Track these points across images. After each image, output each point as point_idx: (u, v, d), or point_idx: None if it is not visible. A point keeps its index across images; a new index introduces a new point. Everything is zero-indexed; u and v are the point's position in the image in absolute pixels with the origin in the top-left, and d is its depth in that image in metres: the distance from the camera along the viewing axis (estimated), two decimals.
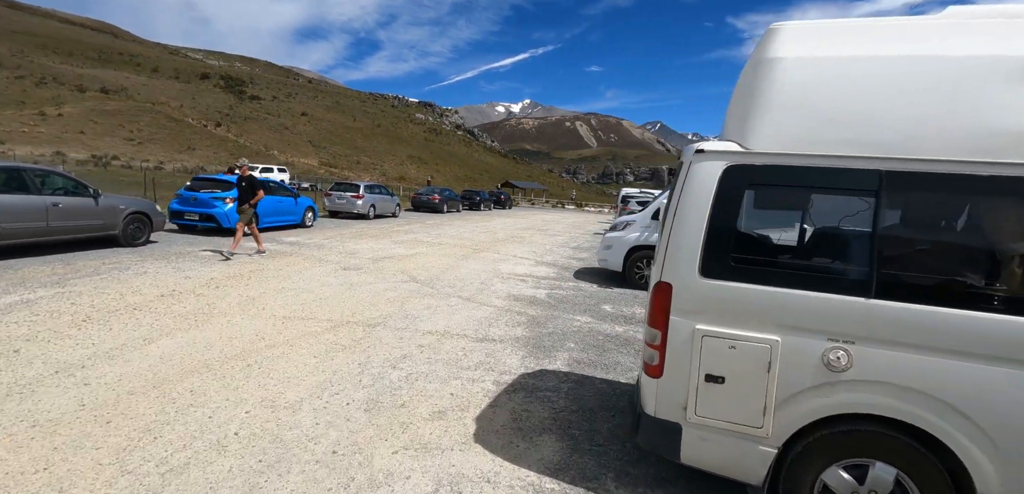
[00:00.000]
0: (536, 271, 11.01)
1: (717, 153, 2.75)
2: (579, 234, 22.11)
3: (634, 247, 9.86)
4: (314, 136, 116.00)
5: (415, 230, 18.28)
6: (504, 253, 13.57)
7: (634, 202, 25.85)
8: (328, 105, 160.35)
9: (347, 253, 11.62)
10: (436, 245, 14.23)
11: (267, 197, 14.03)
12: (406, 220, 22.73)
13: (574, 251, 15.29)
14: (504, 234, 19.16)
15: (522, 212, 41.31)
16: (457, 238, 16.50)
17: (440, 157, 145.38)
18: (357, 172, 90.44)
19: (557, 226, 26.29)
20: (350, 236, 14.93)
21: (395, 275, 9.34)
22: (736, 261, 2.68)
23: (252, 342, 5.16)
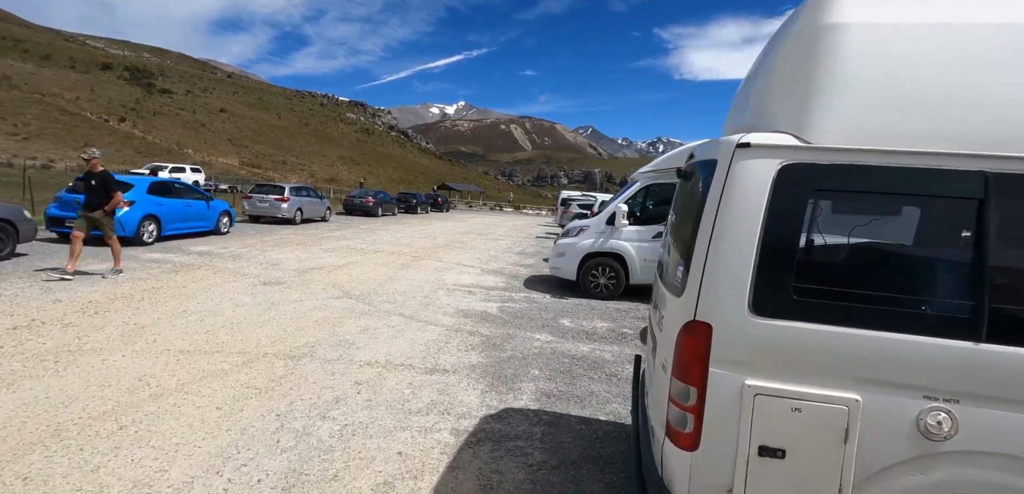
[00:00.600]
0: (484, 281, 10.17)
1: (769, 148, 2.05)
2: (521, 238, 21.48)
3: (589, 254, 9.26)
4: (235, 134, 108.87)
5: (348, 236, 16.90)
6: (447, 261, 12.63)
7: (575, 205, 25.63)
8: (250, 102, 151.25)
9: (268, 264, 10.26)
10: (372, 253, 13.05)
11: (173, 201, 12.28)
12: (338, 225, 21.17)
13: (520, 257, 14.58)
14: (444, 239, 18.16)
15: (460, 215, 40.32)
16: (395, 244, 15.35)
17: (373, 158, 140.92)
18: (283, 173, 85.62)
19: (498, 230, 25.56)
20: (273, 244, 13.42)
21: (325, 290, 8.19)
22: (800, 293, 1.99)
23: (131, 391, 3.98)
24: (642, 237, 9.12)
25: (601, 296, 9.14)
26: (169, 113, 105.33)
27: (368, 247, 14.18)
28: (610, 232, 9.17)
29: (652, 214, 9.24)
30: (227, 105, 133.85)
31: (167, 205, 11.91)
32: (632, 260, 9.08)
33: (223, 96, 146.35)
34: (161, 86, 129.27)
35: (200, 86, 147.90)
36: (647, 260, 9.09)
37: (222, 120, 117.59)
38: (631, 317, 7.79)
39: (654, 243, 9.07)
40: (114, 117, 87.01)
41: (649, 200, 9.34)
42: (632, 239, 9.12)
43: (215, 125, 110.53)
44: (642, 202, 9.31)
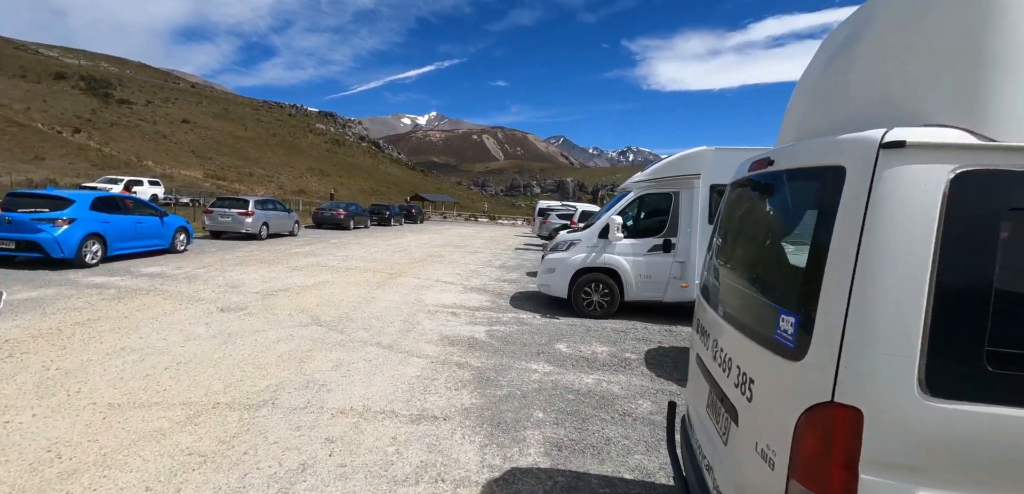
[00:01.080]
0: (467, 300, 9.42)
1: (935, 149, 1.41)
2: (501, 251, 20.78)
3: (581, 270, 8.62)
4: (198, 145, 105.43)
5: (318, 251, 15.90)
6: (425, 277, 11.82)
7: (554, 215, 25.08)
8: (215, 112, 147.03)
9: (228, 286, 9.29)
10: (344, 270, 12.15)
11: (121, 217, 11.16)
12: (307, 239, 20.08)
13: (501, 271, 13.87)
14: (421, 253, 17.32)
15: (435, 226, 39.40)
16: (368, 260, 14.45)
17: (343, 169, 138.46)
18: (249, 185, 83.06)
19: (475, 242, 24.80)
20: (235, 262, 12.38)
21: (292, 316, 7.32)
22: (998, 360, 1.35)
23: (34, 469, 3.11)
24: (637, 251, 8.52)
25: (595, 315, 8.50)
26: (128, 124, 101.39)
27: (340, 264, 13.25)
28: (603, 246, 8.55)
29: (647, 227, 8.66)
30: (190, 116, 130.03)
31: (114, 222, 10.80)
32: (627, 276, 8.47)
33: (186, 106, 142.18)
34: (120, 96, 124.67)
35: (162, 96, 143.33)
36: (643, 275, 8.49)
37: (185, 131, 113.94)
38: (631, 338, 7.16)
39: (650, 257, 8.49)
40: (68, 128, 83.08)
41: (643, 211, 8.77)
42: (627, 253, 8.52)
43: (177, 136, 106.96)
44: (636, 214, 8.72)
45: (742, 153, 8.89)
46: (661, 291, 8.52)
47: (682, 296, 8.40)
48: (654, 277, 8.50)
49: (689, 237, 8.36)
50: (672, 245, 8.45)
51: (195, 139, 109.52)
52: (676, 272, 8.43)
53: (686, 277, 8.36)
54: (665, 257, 8.47)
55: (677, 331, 7.76)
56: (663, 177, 8.55)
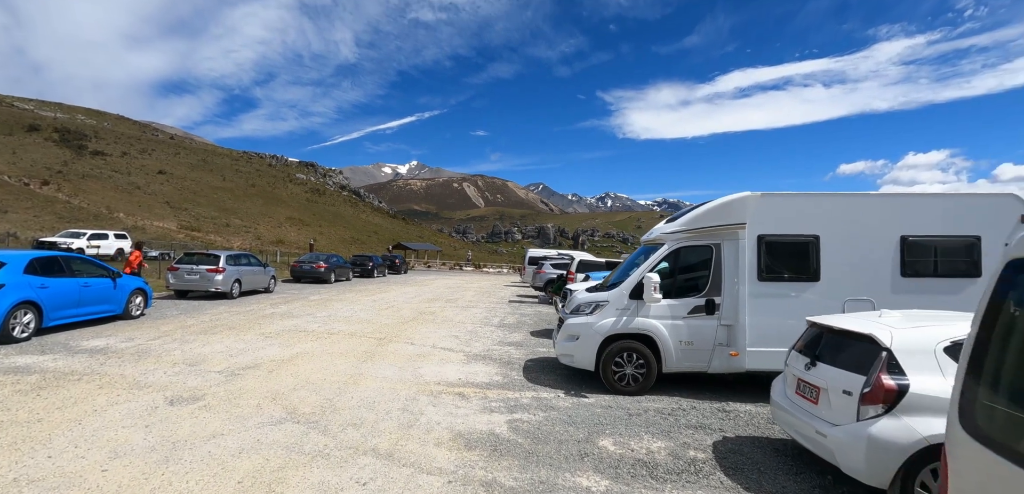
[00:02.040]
0: (473, 374, 7.99)
1: None
2: (495, 304, 19.36)
3: (611, 337, 7.31)
4: (173, 197, 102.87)
5: (296, 311, 14.31)
6: (420, 343, 10.36)
7: (548, 265, 23.86)
8: (193, 163, 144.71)
9: (186, 364, 7.72)
10: (326, 336, 10.62)
11: (63, 280, 9.56)
12: (284, 296, 18.43)
13: (503, 332, 12.45)
14: (410, 311, 15.82)
15: (420, 277, 37.82)
16: (353, 321, 12.92)
17: (324, 218, 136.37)
18: (226, 236, 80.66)
19: (465, 294, 23.35)
20: (198, 329, 10.76)
21: (261, 408, 5.82)
22: None
23: None
24: (676, 314, 7.26)
25: (629, 390, 7.14)
26: (101, 175, 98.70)
27: (321, 327, 11.71)
28: (636, 308, 7.28)
29: (684, 284, 7.43)
30: (167, 167, 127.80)
31: (53, 287, 9.18)
32: (665, 343, 7.18)
33: (163, 158, 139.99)
34: (94, 148, 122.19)
35: (138, 148, 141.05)
36: (684, 342, 7.21)
37: (160, 182, 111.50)
38: (685, 426, 5.81)
39: (691, 321, 7.23)
40: (36, 180, 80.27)
41: (679, 266, 7.55)
42: (664, 316, 7.25)
43: (152, 187, 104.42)
44: (671, 269, 7.50)
45: (792, 200, 7.83)
46: (705, 360, 7.23)
47: (731, 366, 7.12)
48: (697, 344, 7.22)
49: (735, 296, 7.15)
50: (715, 305, 7.21)
51: (171, 190, 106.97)
52: (722, 337, 7.17)
53: (735, 343, 7.09)
54: (708, 320, 7.22)
55: (735, 411, 6.43)
56: (702, 228, 7.38)
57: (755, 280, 7.11)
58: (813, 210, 7.23)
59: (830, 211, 7.21)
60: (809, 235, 7.15)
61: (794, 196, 7.40)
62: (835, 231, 7.14)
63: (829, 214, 7.20)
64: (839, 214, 7.20)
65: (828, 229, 7.14)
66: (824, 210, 7.23)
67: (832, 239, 7.11)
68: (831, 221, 7.17)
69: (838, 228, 7.14)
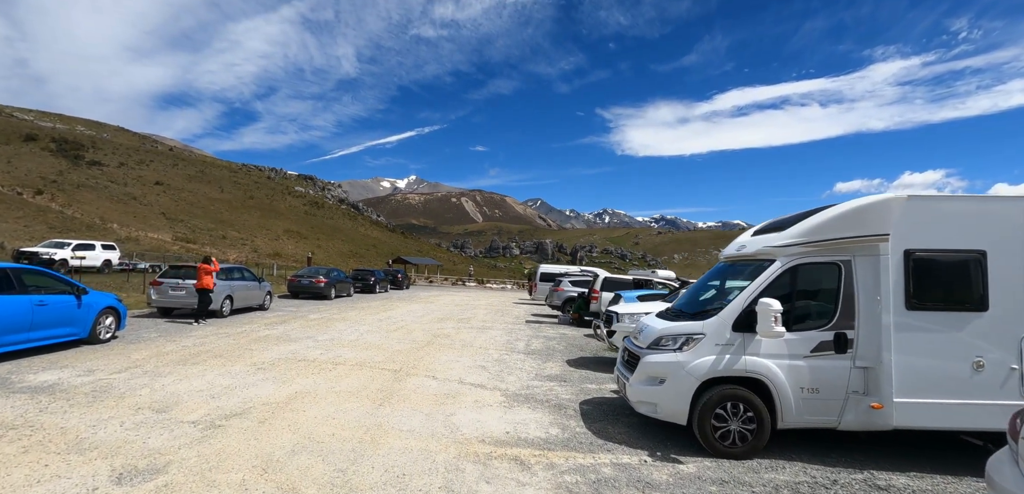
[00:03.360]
0: (523, 425, 6.24)
1: None
2: (512, 324, 17.60)
3: (709, 381, 5.59)
4: (170, 208, 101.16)
5: (294, 333, 12.52)
6: (444, 376, 8.60)
7: (567, 282, 22.10)
8: (190, 174, 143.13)
9: (153, 409, 5.96)
10: (330, 367, 8.85)
11: (10, 299, 7.80)
12: (281, 314, 16.64)
13: (536, 361, 10.70)
14: (423, 332, 14.05)
15: (423, 292, 35.99)
16: (361, 345, 11.15)
17: (322, 231, 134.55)
18: (222, 248, 78.82)
19: (476, 312, 21.58)
20: (178, 357, 8.99)
21: (247, 489, 4.07)
22: None
23: None
24: (794, 351, 5.54)
25: (735, 452, 5.40)
26: (96, 186, 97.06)
27: (324, 354, 9.94)
28: (741, 344, 5.56)
29: (802, 313, 5.72)
30: (164, 178, 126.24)
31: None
32: (782, 390, 5.46)
33: (160, 169, 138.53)
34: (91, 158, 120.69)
35: (136, 159, 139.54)
36: (806, 389, 5.48)
37: (157, 193, 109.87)
38: None
39: (815, 361, 5.51)
40: (29, 190, 78.56)
41: (793, 289, 5.83)
42: (779, 355, 5.53)
43: (148, 199, 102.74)
44: (786, 293, 5.77)
45: (950, 205, 5.29)
46: (835, 413, 5.50)
47: (871, 422, 5.39)
48: (823, 391, 5.49)
49: (876, 329, 5.44)
50: (847, 341, 5.50)
51: (167, 201, 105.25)
52: (858, 383, 5.44)
53: (878, 391, 5.37)
54: (838, 360, 5.50)
55: (893, 487, 4.69)
56: (826, 240, 5.68)
57: (902, 309, 5.41)
58: (977, 218, 5.55)
59: (1000, 219, 5.53)
60: (973, 251, 5.46)
61: (952, 199, 5.72)
62: (1007, 246, 5.45)
63: (999, 224, 5.51)
64: (1013, 224, 5.52)
65: (998, 243, 5.45)
66: (992, 218, 5.54)
67: (1003, 256, 5.43)
68: (1002, 233, 5.48)
69: (1012, 242, 5.46)
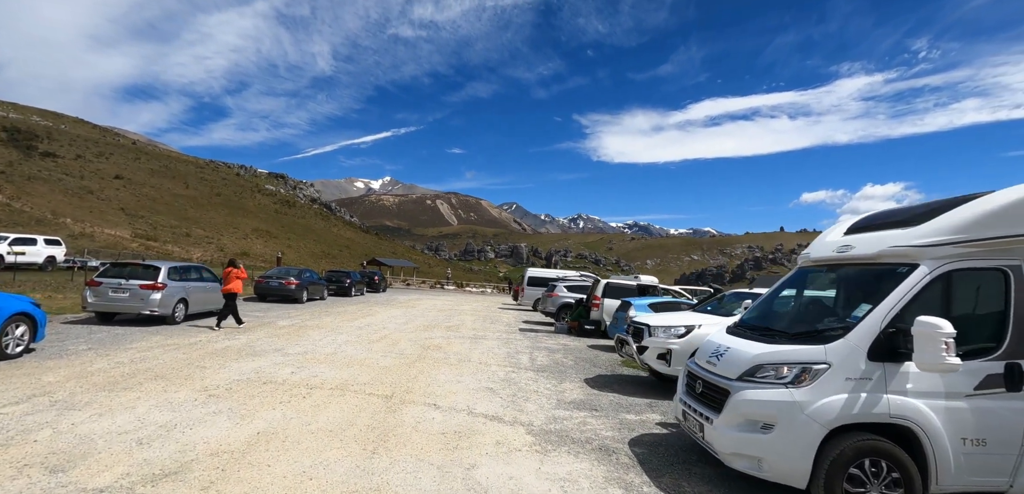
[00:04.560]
0: (571, 485, 4.59)
1: None
2: (505, 333, 15.94)
3: (840, 429, 4.05)
4: (130, 203, 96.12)
5: (260, 345, 10.60)
6: (449, 405, 6.89)
7: (563, 287, 20.54)
8: (153, 169, 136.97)
9: (47, 463, 4.10)
10: (303, 392, 7.04)
11: None
12: (246, 321, 14.60)
13: (549, 380, 9.07)
14: (410, 343, 12.28)
15: (401, 296, 33.93)
16: (340, 361, 9.33)
17: (293, 231, 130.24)
18: (185, 247, 74.96)
19: (463, 318, 19.82)
20: (105, 380, 7.04)
21: None
22: None
23: None
24: (953, 388, 4.05)
25: None
26: (49, 178, 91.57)
27: (296, 374, 8.10)
28: (881, 377, 4.05)
29: (963, 335, 4.21)
30: (125, 172, 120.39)
31: None
32: (939, 442, 3.96)
33: (121, 162, 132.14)
34: (45, 149, 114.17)
35: (94, 151, 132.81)
36: (970, 440, 4.00)
37: (116, 188, 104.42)
38: None
39: (979, 400, 4.04)
40: None
41: (952, 305, 4.32)
42: (932, 393, 4.03)
43: (106, 193, 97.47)
44: (941, 310, 4.26)
45: None
46: (1007, 472, 4.04)
47: None
48: (991, 443, 4.02)
49: None
50: (1022, 374, 4.05)
51: (127, 196, 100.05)
52: None
53: None
54: (1011, 401, 4.04)
55: None
56: (990, 238, 4.22)
57: None
58: None
59: None
60: None
61: None
62: None
63: None
64: None
65: None
66: None
67: None
68: None
69: None
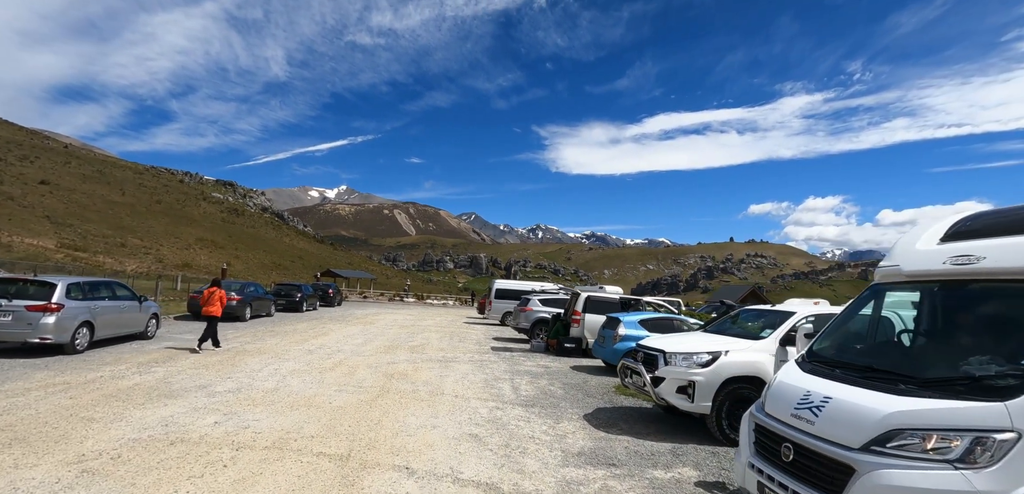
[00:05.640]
0: None
1: None
2: (477, 354, 14.26)
3: None
4: (57, 211, 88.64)
5: (178, 380, 8.53)
6: (426, 468, 5.16)
7: (536, 300, 19.01)
8: (86, 174, 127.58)
9: None
10: (227, 457, 5.16)
11: None
12: (169, 346, 12.33)
13: (544, 421, 7.48)
14: (371, 372, 10.43)
15: (358, 310, 31.56)
16: (283, 404, 7.43)
17: (241, 241, 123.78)
18: (119, 258, 69.45)
19: (428, 335, 17.97)
20: None
21: None
22: None
23: None
24: None
25: None
26: None
27: (221, 426, 6.19)
28: None
29: None
30: (52, 177, 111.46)
31: None
32: None
33: (49, 167, 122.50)
34: None
35: (18, 154, 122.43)
36: None
37: (41, 194, 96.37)
38: None
39: None
40: None
41: None
42: None
43: (29, 199, 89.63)
44: None
45: None
46: None
47: None
48: None
49: None
50: None
51: (55, 203, 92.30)
52: None
53: None
54: None
55: None
56: None
57: None
58: None
59: None
60: None
61: None
62: None
63: None
64: None
65: None
66: None
67: None
68: None
69: None
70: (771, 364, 6.85)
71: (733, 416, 6.69)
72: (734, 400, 6.70)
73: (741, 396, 6.68)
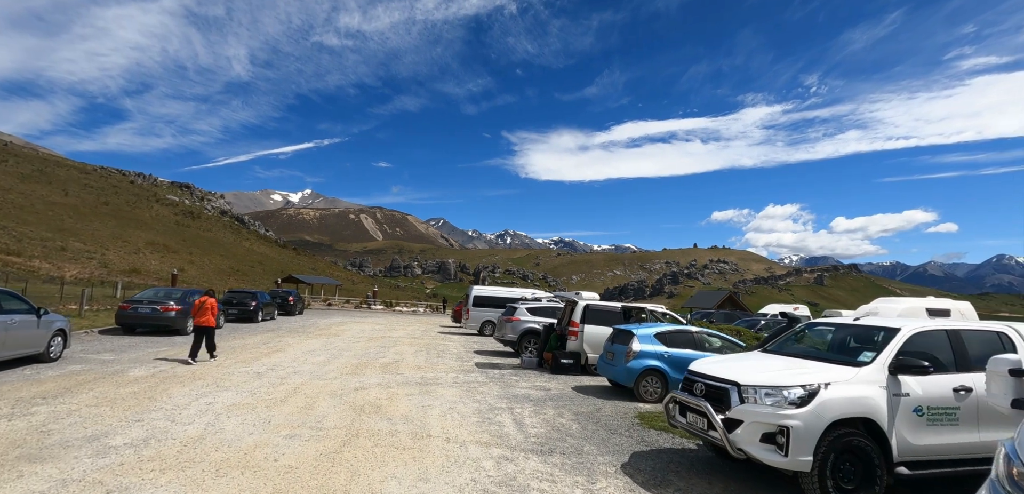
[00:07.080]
0: None
1: None
2: (460, 371, 12.19)
3: None
4: None
5: (65, 428, 6.20)
6: None
7: (524, 309, 17.04)
8: (24, 174, 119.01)
9: None
10: None
11: None
12: (75, 370, 9.83)
13: (572, 473, 5.51)
14: (334, 405, 8.27)
15: (322, 319, 28.91)
16: (206, 467, 5.23)
17: (197, 245, 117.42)
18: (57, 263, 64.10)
19: (401, 349, 15.78)
20: None
21: None
22: None
23: None
24: None
25: None
26: None
27: None
28: None
29: None
30: None
31: None
32: None
33: None
34: None
35: None
36: None
37: None
38: None
39: None
40: None
41: None
42: None
43: None
44: None
45: None
46: None
47: None
48: None
49: None
50: None
51: None
52: None
53: None
54: None
55: None
56: None
57: None
58: None
59: None
60: None
61: None
62: None
63: None
64: None
65: None
66: None
67: None
68: None
69: None
70: (883, 400, 5.09)
71: (839, 473, 4.89)
72: (839, 451, 4.90)
73: (849, 446, 4.89)
